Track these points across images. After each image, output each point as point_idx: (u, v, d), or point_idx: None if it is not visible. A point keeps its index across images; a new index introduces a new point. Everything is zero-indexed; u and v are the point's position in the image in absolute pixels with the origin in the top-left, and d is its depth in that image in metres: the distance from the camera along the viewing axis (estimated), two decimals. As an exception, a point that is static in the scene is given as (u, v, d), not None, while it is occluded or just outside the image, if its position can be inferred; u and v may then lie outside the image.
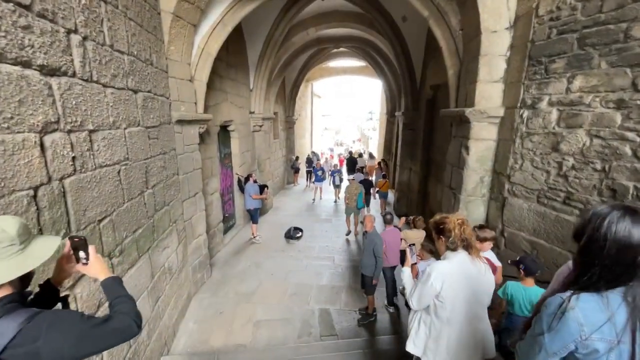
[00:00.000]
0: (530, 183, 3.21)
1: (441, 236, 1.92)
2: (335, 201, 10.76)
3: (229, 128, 7.32)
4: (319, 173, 10.99)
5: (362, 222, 9.41)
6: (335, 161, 17.45)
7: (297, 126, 15.13)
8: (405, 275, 2.26)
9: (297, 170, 13.79)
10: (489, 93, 3.61)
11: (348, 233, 7.66)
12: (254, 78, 8.16)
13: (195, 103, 4.82)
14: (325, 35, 9.70)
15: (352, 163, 13.12)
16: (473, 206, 3.91)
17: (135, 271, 2.97)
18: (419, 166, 7.94)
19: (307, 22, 8.21)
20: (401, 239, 4.39)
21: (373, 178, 10.55)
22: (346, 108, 39.02)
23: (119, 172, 2.71)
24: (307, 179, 13.43)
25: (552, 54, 2.91)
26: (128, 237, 2.86)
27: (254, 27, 7.34)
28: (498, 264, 2.95)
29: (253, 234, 7.18)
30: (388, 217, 4.51)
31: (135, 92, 3.08)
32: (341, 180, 10.86)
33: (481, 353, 1.92)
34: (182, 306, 4.37)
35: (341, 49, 11.52)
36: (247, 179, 7.04)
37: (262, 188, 7.22)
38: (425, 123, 7.54)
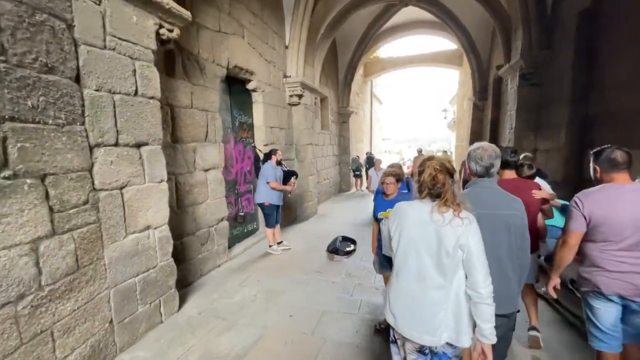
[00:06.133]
0: None
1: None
2: None
3: (249, 86, 5.02)
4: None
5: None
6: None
7: (353, 126, 12.55)
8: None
9: (359, 175, 11.18)
10: None
11: None
12: (291, 28, 5.91)
13: (149, -26, 2.56)
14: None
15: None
16: None
17: None
18: (562, 139, 4.54)
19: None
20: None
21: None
22: (408, 128, 35.78)
23: None
24: (366, 182, 11.27)
25: None
26: None
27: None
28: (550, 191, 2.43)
29: (275, 242, 4.54)
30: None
31: None
32: None
33: (436, 333, 1.28)
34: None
35: (410, 17, 8.87)
36: (267, 156, 4.52)
37: (288, 175, 4.59)
38: (575, 59, 4.26)
